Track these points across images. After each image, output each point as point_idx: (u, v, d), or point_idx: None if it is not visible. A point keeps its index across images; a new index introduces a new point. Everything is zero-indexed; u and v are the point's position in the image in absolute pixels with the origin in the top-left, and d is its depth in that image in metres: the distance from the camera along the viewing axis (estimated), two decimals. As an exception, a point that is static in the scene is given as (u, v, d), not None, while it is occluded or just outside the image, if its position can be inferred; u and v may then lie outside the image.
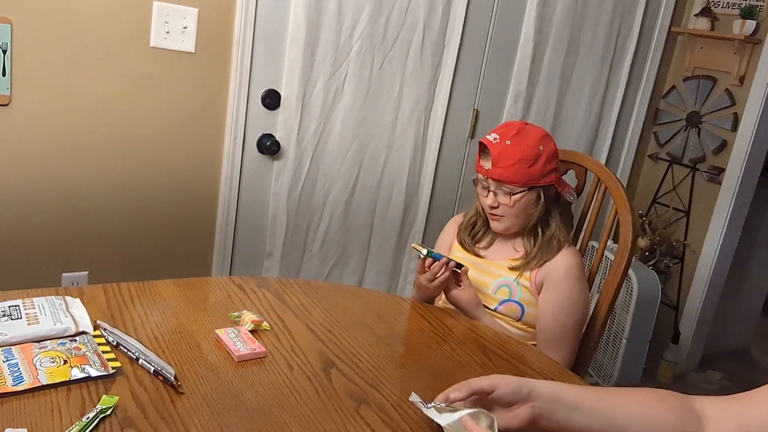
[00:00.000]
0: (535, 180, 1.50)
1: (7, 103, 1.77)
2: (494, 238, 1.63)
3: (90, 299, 1.26)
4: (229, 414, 0.98)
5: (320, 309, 1.38)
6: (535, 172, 1.49)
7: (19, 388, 0.96)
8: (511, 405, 0.94)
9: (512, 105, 2.58)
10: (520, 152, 1.47)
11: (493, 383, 0.93)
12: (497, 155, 1.48)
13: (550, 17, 2.54)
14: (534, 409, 0.93)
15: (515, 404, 0.93)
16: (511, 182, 1.48)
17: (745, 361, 3.48)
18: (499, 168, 1.48)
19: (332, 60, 2.15)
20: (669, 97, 3.06)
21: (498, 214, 1.54)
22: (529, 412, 0.93)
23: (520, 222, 1.55)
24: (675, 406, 0.94)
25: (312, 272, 2.39)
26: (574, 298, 1.51)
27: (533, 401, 0.93)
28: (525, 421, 0.93)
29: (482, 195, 1.55)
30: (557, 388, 0.95)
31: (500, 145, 1.48)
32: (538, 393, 0.93)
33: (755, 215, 3.06)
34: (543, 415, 0.93)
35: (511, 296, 1.53)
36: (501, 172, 1.48)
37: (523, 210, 1.52)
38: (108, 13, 1.83)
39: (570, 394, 0.94)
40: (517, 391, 0.93)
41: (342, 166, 2.31)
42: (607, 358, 2.85)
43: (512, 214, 1.53)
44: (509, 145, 1.48)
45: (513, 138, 1.49)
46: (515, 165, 1.47)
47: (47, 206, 1.91)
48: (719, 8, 2.88)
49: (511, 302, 1.53)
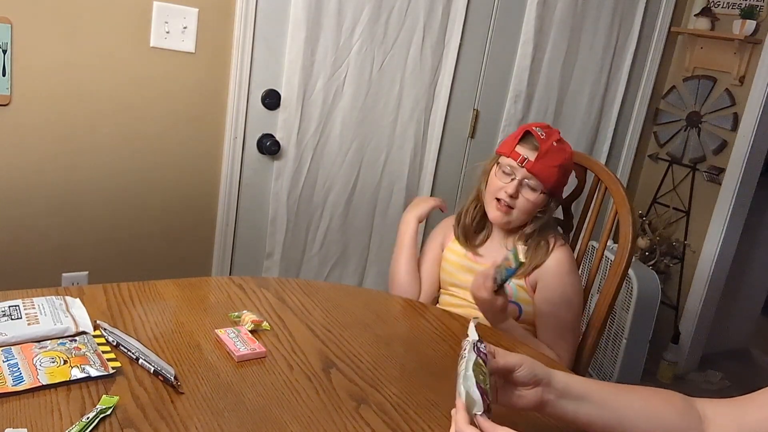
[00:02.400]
0: (558, 190, 1.55)
1: (7, 103, 1.77)
2: (486, 236, 1.62)
3: (90, 299, 1.25)
4: (229, 414, 0.98)
5: (320, 309, 1.38)
6: (563, 183, 1.54)
7: (19, 388, 0.96)
8: (522, 385, 0.93)
9: (512, 105, 2.58)
10: (562, 159, 1.50)
11: (517, 363, 0.92)
12: (545, 151, 1.48)
13: (550, 17, 2.54)
14: (543, 395, 0.93)
15: (527, 386, 0.93)
16: (546, 182, 1.50)
17: (745, 361, 3.48)
18: (542, 164, 1.48)
19: (332, 60, 2.15)
20: (669, 97, 3.06)
21: (509, 206, 1.51)
22: (538, 397, 0.93)
23: (523, 219, 1.54)
24: (679, 406, 0.95)
25: (312, 272, 2.39)
26: (570, 292, 1.52)
27: (545, 388, 0.93)
28: (530, 404, 0.93)
29: (502, 180, 1.52)
30: (567, 378, 0.95)
31: (548, 143, 1.49)
32: (552, 381, 0.93)
33: (755, 215, 3.05)
34: (550, 403, 0.93)
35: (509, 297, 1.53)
36: (542, 169, 1.48)
37: (533, 211, 1.53)
38: (108, 13, 1.83)
39: (579, 386, 0.94)
40: (535, 376, 0.92)
41: (342, 166, 2.31)
42: (607, 358, 2.85)
43: (523, 210, 1.52)
44: (555, 147, 1.50)
45: (558, 143, 1.51)
46: (555, 168, 1.49)
47: (47, 206, 1.91)
48: (719, 8, 2.88)
49: (511, 303, 1.53)
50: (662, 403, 0.95)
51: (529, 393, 0.93)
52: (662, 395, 0.97)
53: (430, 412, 1.06)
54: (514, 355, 0.93)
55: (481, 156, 2.36)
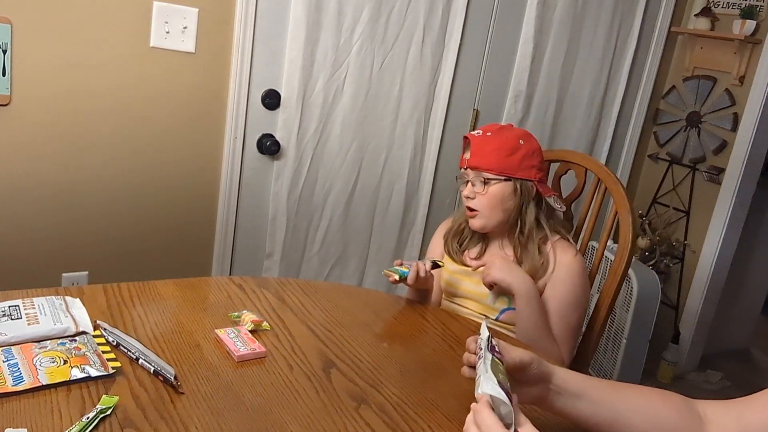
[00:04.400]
0: (512, 170, 1.49)
1: (7, 103, 1.77)
2: (485, 246, 1.60)
3: (90, 299, 1.25)
4: (229, 414, 0.98)
5: (320, 309, 1.38)
6: (512, 163, 1.49)
7: (19, 388, 0.96)
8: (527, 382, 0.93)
9: (512, 105, 2.58)
10: (498, 142, 1.50)
11: (527, 360, 0.92)
12: (477, 145, 1.51)
13: (550, 17, 2.54)
14: (544, 391, 0.94)
15: (531, 383, 0.93)
16: (488, 169, 1.49)
17: (745, 361, 3.48)
18: (477, 156, 1.50)
19: (332, 60, 2.15)
20: (669, 97, 3.06)
21: (473, 208, 1.52)
22: (539, 393, 0.94)
23: (497, 217, 1.51)
24: (678, 406, 0.95)
25: (312, 272, 2.39)
26: (578, 294, 1.51)
27: (546, 384, 0.94)
28: (531, 400, 0.94)
29: (461, 188, 1.55)
30: (567, 375, 0.96)
31: (481, 137, 1.52)
32: (553, 378, 0.94)
33: (755, 215, 3.05)
34: (549, 398, 0.94)
35: (511, 304, 1.52)
36: (478, 160, 1.50)
37: (499, 203, 1.50)
38: (108, 13, 1.83)
39: (577, 383, 0.95)
40: (541, 375, 0.93)
41: (342, 166, 2.31)
42: (607, 358, 2.85)
43: (487, 207, 1.50)
44: (489, 137, 1.51)
45: (494, 132, 1.52)
46: (492, 153, 1.49)
47: (47, 206, 1.91)
48: (719, 8, 2.88)
49: (512, 310, 1.52)
50: (661, 403, 0.95)
51: (533, 390, 0.94)
52: (661, 395, 0.97)
53: (430, 412, 1.06)
54: (525, 352, 0.94)
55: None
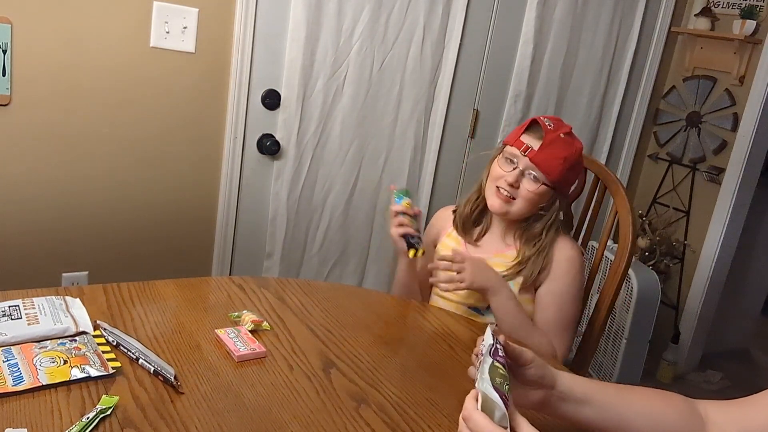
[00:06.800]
0: (563, 185, 1.50)
1: (7, 103, 1.77)
2: (485, 230, 1.59)
3: (90, 299, 1.25)
4: (229, 414, 0.98)
5: (320, 309, 1.38)
6: (568, 177, 1.49)
7: (19, 388, 0.96)
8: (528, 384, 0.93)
9: (512, 105, 2.58)
10: (568, 151, 1.47)
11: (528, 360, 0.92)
12: (550, 141, 1.45)
13: (550, 17, 2.54)
14: (546, 397, 0.93)
15: (532, 384, 0.93)
16: (548, 173, 1.45)
17: (745, 361, 3.48)
18: (546, 154, 1.45)
19: (332, 60, 2.15)
20: (669, 97, 3.06)
21: (510, 195, 1.48)
22: (541, 397, 0.93)
23: (525, 211, 1.50)
24: (680, 407, 0.95)
25: (312, 272, 2.39)
26: (576, 288, 1.52)
27: (549, 390, 0.93)
28: (532, 404, 0.93)
29: (505, 168, 1.49)
30: (571, 380, 0.95)
31: (555, 134, 1.46)
32: (557, 384, 0.93)
33: (755, 215, 3.05)
34: (552, 404, 0.93)
35: None
36: (545, 159, 1.45)
37: (536, 204, 1.49)
38: (108, 13, 1.83)
39: (581, 389, 0.94)
40: (542, 378, 0.92)
41: (342, 166, 2.31)
42: (607, 358, 2.85)
43: (525, 200, 1.48)
44: (562, 139, 1.46)
45: (566, 135, 1.48)
46: (560, 160, 1.45)
47: (47, 206, 1.91)
48: (719, 8, 2.88)
49: None
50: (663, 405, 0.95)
51: (534, 394, 0.93)
52: (663, 396, 0.97)
53: (430, 412, 1.06)
54: (528, 351, 0.93)
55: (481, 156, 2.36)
